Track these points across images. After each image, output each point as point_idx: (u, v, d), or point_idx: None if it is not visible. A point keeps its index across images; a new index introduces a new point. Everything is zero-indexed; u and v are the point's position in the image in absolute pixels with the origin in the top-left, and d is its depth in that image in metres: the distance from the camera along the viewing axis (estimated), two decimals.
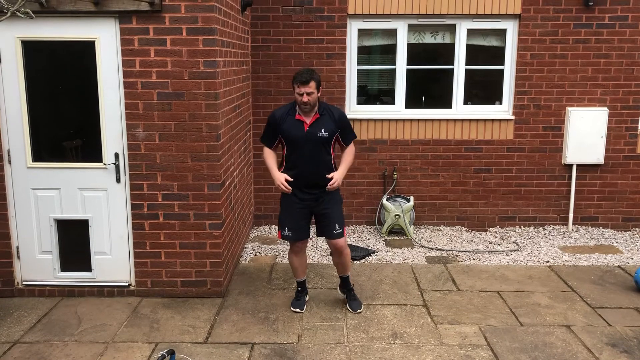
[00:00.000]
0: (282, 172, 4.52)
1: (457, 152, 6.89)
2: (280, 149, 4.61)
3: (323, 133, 4.40)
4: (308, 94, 4.28)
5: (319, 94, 4.38)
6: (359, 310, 4.69)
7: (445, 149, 6.88)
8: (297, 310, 4.71)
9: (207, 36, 4.53)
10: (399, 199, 6.79)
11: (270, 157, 4.57)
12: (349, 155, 4.61)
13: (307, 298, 4.92)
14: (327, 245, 4.78)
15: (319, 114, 4.42)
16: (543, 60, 6.66)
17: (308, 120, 4.41)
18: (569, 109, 6.72)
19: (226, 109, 5.06)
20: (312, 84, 4.28)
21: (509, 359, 4.02)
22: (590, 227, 7.02)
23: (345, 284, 4.84)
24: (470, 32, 6.73)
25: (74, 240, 4.96)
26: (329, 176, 4.45)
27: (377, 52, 6.99)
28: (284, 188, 4.45)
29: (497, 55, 6.80)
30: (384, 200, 6.75)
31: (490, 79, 6.89)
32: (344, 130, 4.54)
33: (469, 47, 6.76)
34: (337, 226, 4.52)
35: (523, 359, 4.01)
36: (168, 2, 4.47)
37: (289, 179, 4.45)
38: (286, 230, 4.57)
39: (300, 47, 6.66)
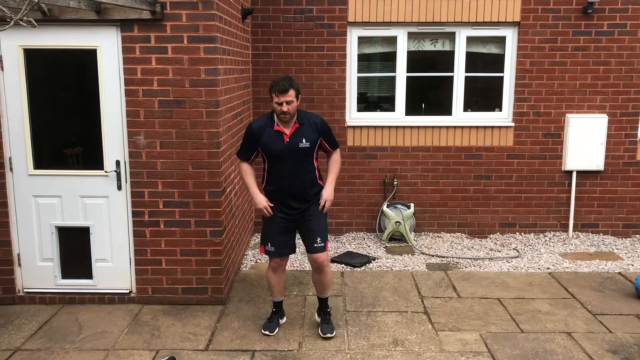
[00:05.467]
0: (264, 187, 4.30)
1: (457, 159, 6.90)
2: (258, 162, 4.36)
3: (304, 143, 4.14)
4: (287, 102, 4.02)
5: (298, 102, 4.14)
6: (329, 335, 4.35)
7: (445, 156, 6.90)
8: (266, 332, 4.40)
9: (208, 44, 4.56)
10: (399, 206, 6.81)
11: (248, 173, 4.32)
12: (334, 163, 4.36)
13: (282, 321, 4.61)
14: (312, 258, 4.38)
15: (298, 124, 4.16)
16: (542, 67, 6.68)
17: (288, 131, 4.14)
18: (569, 116, 6.74)
19: (227, 117, 5.09)
20: (292, 92, 4.02)
21: None
22: (590, 233, 7.02)
23: (323, 306, 4.49)
24: (470, 40, 6.76)
25: (74, 248, 4.97)
26: (321, 203, 4.26)
27: (377, 59, 7.02)
28: (267, 213, 4.23)
29: (497, 62, 6.83)
30: (385, 207, 6.76)
31: (490, 86, 6.91)
32: (327, 136, 4.28)
33: (469, 55, 6.79)
34: (318, 239, 4.23)
35: None
36: (169, 10, 4.50)
37: (270, 204, 4.24)
38: (269, 245, 4.30)
39: (301, 54, 6.69)
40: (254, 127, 4.22)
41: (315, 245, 4.25)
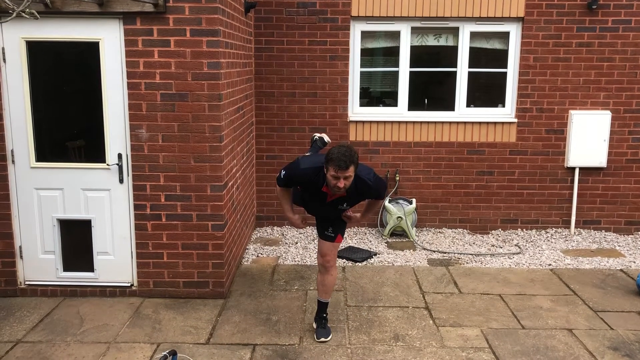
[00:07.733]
0: (295, 199, 4.31)
1: (459, 155, 6.89)
2: None
3: (344, 207, 4.06)
4: (345, 178, 3.69)
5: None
6: (323, 339, 4.25)
7: (447, 152, 6.88)
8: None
9: (210, 37, 4.54)
10: (401, 201, 6.80)
11: (285, 197, 4.22)
12: (376, 206, 4.30)
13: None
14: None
15: (345, 194, 3.89)
16: (546, 63, 6.66)
17: (333, 194, 3.94)
18: (572, 112, 6.72)
19: (229, 110, 5.08)
20: (352, 168, 3.67)
21: None
22: (592, 230, 7.01)
23: (321, 310, 4.38)
24: (474, 35, 6.73)
25: (76, 241, 4.98)
26: (349, 214, 4.25)
27: (380, 54, 6.99)
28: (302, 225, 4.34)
29: (500, 58, 6.80)
30: (386, 203, 6.75)
31: (493, 81, 6.89)
32: (374, 196, 4.13)
33: (472, 50, 6.76)
34: (330, 229, 4.22)
35: None
36: (172, 3, 4.48)
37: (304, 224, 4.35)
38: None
39: (304, 49, 6.67)
40: (304, 177, 3.97)
41: (325, 232, 4.24)
